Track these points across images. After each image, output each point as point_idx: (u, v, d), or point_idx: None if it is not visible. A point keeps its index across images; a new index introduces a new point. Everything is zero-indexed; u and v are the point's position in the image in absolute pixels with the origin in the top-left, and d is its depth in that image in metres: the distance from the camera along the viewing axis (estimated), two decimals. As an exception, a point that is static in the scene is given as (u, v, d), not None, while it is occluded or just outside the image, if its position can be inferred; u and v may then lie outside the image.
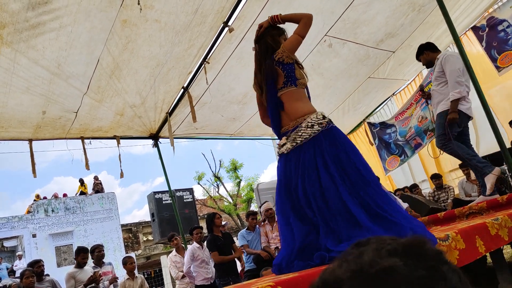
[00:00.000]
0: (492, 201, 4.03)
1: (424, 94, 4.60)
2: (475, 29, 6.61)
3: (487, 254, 3.16)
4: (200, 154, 24.57)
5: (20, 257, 14.02)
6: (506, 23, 6.18)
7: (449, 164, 8.08)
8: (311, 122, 2.36)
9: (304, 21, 2.48)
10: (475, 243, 2.48)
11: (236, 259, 6.01)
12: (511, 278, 3.30)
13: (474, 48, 6.76)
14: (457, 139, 4.00)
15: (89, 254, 5.41)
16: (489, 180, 3.74)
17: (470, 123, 4.30)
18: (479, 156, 3.98)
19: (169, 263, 6.79)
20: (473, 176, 6.46)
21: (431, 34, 6.27)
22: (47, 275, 5.34)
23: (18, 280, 4.70)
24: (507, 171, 5.58)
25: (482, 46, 6.52)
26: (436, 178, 7.07)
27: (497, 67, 6.33)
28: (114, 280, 5.19)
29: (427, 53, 4.35)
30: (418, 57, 4.47)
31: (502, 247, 3.28)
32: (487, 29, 6.42)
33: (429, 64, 4.40)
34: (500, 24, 6.26)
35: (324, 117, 2.40)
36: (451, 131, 3.92)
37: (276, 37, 2.60)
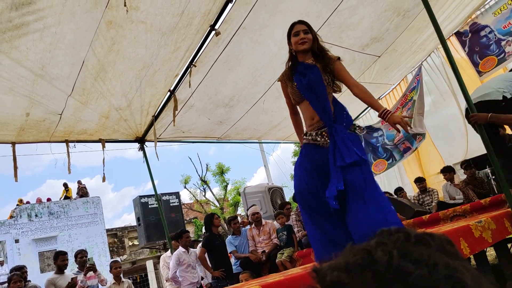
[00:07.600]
0: (475, 204, 4.09)
1: None
2: (458, 34, 6.73)
3: (471, 256, 3.19)
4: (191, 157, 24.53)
5: (1, 263, 13.74)
6: (488, 29, 6.30)
7: (431, 168, 8.20)
8: None
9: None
10: (459, 245, 2.50)
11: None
12: (494, 280, 3.33)
13: (457, 53, 6.87)
14: None
15: (73, 258, 5.33)
16: None
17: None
18: None
19: (161, 263, 6.71)
20: (456, 180, 6.55)
21: (416, 39, 6.35)
22: (29, 281, 5.25)
23: (5, 285, 4.63)
24: (490, 174, 5.67)
25: (465, 51, 6.63)
26: (419, 181, 7.14)
27: (479, 72, 6.43)
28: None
29: None
30: None
31: (485, 249, 3.32)
32: (470, 34, 6.53)
33: None
34: (483, 29, 6.38)
35: None
36: None
37: None
